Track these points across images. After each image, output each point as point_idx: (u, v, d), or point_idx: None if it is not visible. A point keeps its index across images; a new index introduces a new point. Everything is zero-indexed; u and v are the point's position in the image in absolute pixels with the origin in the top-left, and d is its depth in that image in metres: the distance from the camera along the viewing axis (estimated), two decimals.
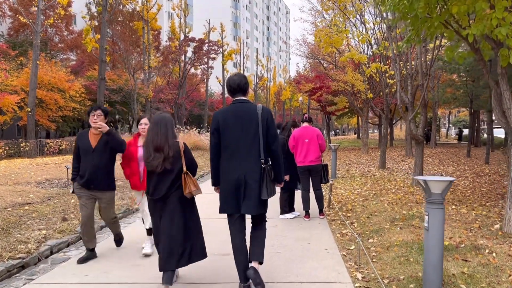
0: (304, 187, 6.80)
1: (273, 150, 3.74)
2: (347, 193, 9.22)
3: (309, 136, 6.70)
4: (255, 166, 3.64)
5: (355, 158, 18.96)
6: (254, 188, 3.61)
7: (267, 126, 3.71)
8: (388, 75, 13.48)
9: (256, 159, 3.65)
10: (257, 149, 3.67)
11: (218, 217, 4.84)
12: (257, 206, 3.66)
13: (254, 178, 3.62)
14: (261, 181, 3.63)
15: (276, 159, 3.78)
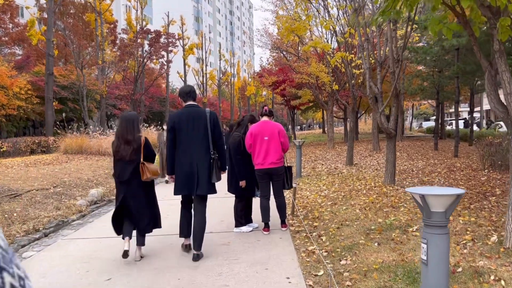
0: (263, 194, 5.67)
1: (218, 144, 4.72)
2: (313, 195, 8.18)
3: (269, 133, 5.56)
4: (205, 157, 4.58)
5: (321, 153, 18.07)
6: (205, 174, 4.54)
7: (213, 125, 4.67)
8: (354, 64, 12.58)
9: (206, 152, 4.59)
10: (207, 143, 4.61)
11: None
12: (208, 188, 4.60)
13: (204, 166, 4.56)
14: (210, 168, 4.57)
15: (221, 151, 4.73)
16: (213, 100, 52.49)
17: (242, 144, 5.68)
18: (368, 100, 23.24)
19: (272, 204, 5.73)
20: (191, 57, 48.22)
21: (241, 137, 5.74)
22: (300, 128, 76.16)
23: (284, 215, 5.73)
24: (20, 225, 6.92)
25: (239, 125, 5.96)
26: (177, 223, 4.94)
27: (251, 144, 5.58)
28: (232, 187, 5.76)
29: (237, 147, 5.68)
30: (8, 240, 6.11)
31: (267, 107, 5.80)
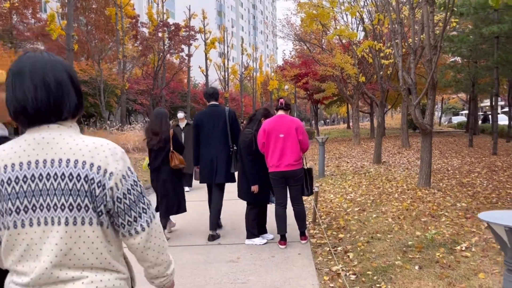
0: (279, 201, 4.84)
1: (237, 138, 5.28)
2: (338, 199, 7.31)
3: (285, 130, 4.73)
4: (224, 150, 5.24)
5: (346, 150, 17.08)
6: (222, 165, 5.19)
7: (231, 122, 5.33)
8: (383, 54, 11.57)
9: (224, 145, 5.25)
10: (226, 138, 5.27)
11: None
12: (225, 177, 5.23)
13: (223, 158, 5.21)
14: (228, 160, 5.22)
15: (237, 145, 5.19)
16: (235, 95, 51.84)
17: (254, 142, 4.87)
18: (395, 93, 21.94)
19: (290, 212, 4.91)
20: (213, 52, 47.55)
21: (253, 134, 4.93)
22: (324, 123, 74.80)
23: (303, 226, 4.90)
24: None
25: (250, 121, 5.14)
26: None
27: (264, 143, 4.76)
28: (243, 193, 4.97)
29: (248, 146, 4.88)
30: None
31: (283, 99, 4.95)
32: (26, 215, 1.25)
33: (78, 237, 1.24)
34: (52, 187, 1.24)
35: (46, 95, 1.26)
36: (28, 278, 1.24)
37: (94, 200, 1.26)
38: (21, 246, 1.26)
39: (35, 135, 1.28)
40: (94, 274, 1.27)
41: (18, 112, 1.27)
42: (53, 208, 1.24)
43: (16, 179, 1.25)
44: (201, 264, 4.36)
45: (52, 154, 1.26)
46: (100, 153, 1.27)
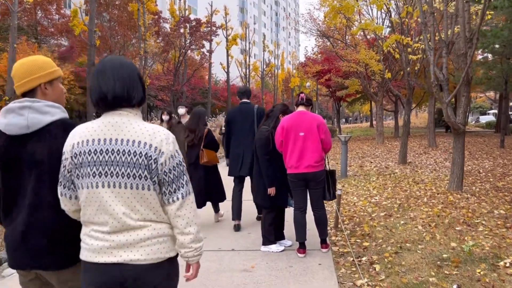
0: (297, 206, 4.43)
1: None
2: (362, 201, 6.85)
3: (306, 127, 4.31)
4: (251, 145, 5.20)
5: (369, 149, 16.49)
6: (248, 159, 5.38)
7: (259, 118, 5.47)
8: (410, 50, 10.99)
9: (251, 141, 5.14)
10: (253, 134, 5.37)
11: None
12: (249, 170, 5.32)
13: (249, 152, 5.35)
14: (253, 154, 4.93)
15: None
16: (256, 92, 51.42)
17: (271, 141, 4.47)
18: (421, 91, 21.15)
19: (310, 217, 4.50)
20: (234, 48, 47.25)
21: (270, 132, 4.53)
22: (346, 121, 73.66)
23: (325, 233, 4.48)
24: None
25: (268, 117, 4.74)
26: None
27: (282, 141, 4.35)
28: (260, 196, 4.58)
29: (265, 145, 4.48)
30: None
31: (303, 94, 4.52)
32: (100, 178, 1.66)
33: (140, 198, 1.67)
34: (120, 160, 1.65)
35: (121, 86, 1.69)
36: (107, 226, 1.67)
37: (150, 172, 1.67)
38: (96, 203, 1.67)
39: (109, 119, 1.70)
40: (154, 224, 1.70)
41: (100, 99, 1.69)
42: (121, 176, 1.66)
43: (95, 151, 1.67)
44: (212, 273, 4.00)
45: (122, 135, 1.67)
46: (157, 137, 1.69)
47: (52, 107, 1.89)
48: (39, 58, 1.94)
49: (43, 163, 1.83)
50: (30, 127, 1.82)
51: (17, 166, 1.86)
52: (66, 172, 1.74)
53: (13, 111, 1.84)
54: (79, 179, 1.71)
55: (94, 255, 1.68)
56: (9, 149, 1.85)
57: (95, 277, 1.69)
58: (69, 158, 1.72)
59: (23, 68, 1.89)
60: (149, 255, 1.69)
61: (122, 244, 1.67)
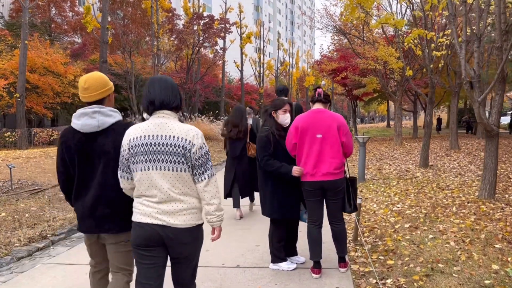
0: (312, 219, 3.85)
1: None
2: (383, 209, 6.24)
3: (325, 129, 3.72)
4: None
5: (387, 151, 15.77)
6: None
7: (297, 115, 4.70)
8: (433, 46, 10.28)
9: None
10: None
11: None
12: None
13: None
14: None
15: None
16: (270, 91, 50.79)
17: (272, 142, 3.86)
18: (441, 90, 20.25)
19: (325, 230, 3.92)
20: (248, 47, 46.75)
21: (269, 132, 3.90)
22: (361, 120, 72.47)
23: (344, 250, 3.89)
24: (27, 229, 5.72)
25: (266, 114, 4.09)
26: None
27: (295, 144, 3.78)
28: (266, 208, 4.00)
29: (264, 148, 3.87)
30: (3, 251, 4.86)
31: (321, 89, 3.92)
32: (150, 164, 2.32)
33: (179, 177, 2.33)
34: (164, 150, 2.31)
35: (164, 94, 2.38)
36: (156, 198, 2.33)
37: (186, 159, 2.32)
38: (146, 182, 2.33)
39: (156, 120, 2.36)
40: (189, 197, 2.37)
41: (150, 103, 2.38)
42: (165, 162, 2.30)
43: (146, 144, 2.32)
44: None
45: (165, 132, 2.33)
46: (190, 133, 2.34)
47: (113, 111, 2.59)
48: (103, 75, 2.67)
49: (110, 153, 2.52)
50: (100, 126, 2.51)
51: (90, 156, 2.55)
52: (124, 160, 2.39)
53: (87, 115, 2.52)
54: (134, 165, 2.36)
55: (144, 218, 2.34)
56: (84, 144, 2.54)
57: (142, 233, 2.33)
58: (126, 150, 2.37)
59: (97, 83, 2.59)
60: (184, 222, 2.33)
61: (165, 212, 2.32)
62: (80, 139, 2.55)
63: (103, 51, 22.98)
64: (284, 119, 3.92)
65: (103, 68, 22.45)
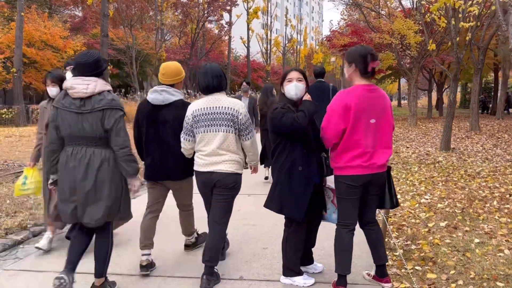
0: (347, 221, 3.00)
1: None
2: (409, 201, 5.41)
3: (379, 111, 2.89)
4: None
5: (401, 132, 14.84)
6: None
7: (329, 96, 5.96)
8: (461, 16, 9.23)
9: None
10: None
11: None
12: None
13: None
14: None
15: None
16: (277, 69, 49.56)
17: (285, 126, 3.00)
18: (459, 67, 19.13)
19: (360, 243, 3.09)
20: (255, 23, 45.14)
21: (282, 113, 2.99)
22: None
23: (383, 257, 3.06)
24: (5, 219, 4.97)
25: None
26: None
27: (344, 131, 2.87)
28: (274, 201, 3.12)
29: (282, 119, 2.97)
30: None
31: (378, 60, 2.99)
32: (207, 128, 3.13)
33: (227, 138, 3.13)
34: (218, 117, 3.11)
35: (217, 81, 3.18)
36: (207, 151, 3.14)
37: (234, 124, 3.13)
38: (204, 140, 3.16)
39: (211, 97, 3.18)
40: (233, 153, 3.17)
41: (205, 88, 3.18)
42: (218, 126, 3.12)
43: (204, 113, 3.13)
44: None
45: (218, 104, 3.14)
46: (237, 104, 3.16)
47: (176, 92, 3.46)
48: (179, 66, 3.56)
49: (170, 121, 3.39)
50: (164, 101, 3.39)
51: (156, 122, 3.42)
52: (189, 126, 3.21)
53: (156, 92, 3.41)
54: (196, 129, 3.19)
55: (200, 167, 3.21)
56: (152, 113, 3.42)
57: (200, 178, 3.24)
58: (190, 118, 3.19)
59: (174, 71, 3.48)
60: (227, 169, 3.14)
61: (214, 162, 3.14)
62: (150, 109, 3.43)
63: (104, 24, 21.92)
64: (289, 90, 3.09)
65: (104, 42, 21.45)
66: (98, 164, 2.78)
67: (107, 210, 2.81)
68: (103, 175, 2.79)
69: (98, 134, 2.78)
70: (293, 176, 2.98)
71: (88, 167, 2.76)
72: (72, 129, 2.78)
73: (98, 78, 2.85)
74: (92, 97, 2.78)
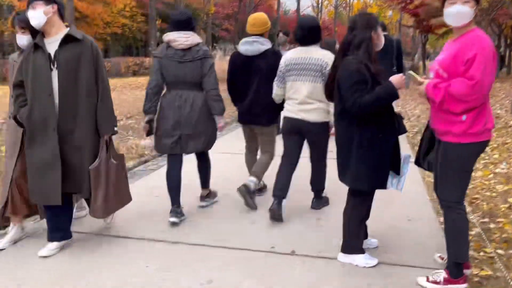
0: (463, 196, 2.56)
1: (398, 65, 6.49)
2: (481, 171, 4.81)
3: None
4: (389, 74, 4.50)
5: None
6: None
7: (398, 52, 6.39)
8: None
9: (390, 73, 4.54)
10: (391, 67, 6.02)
11: None
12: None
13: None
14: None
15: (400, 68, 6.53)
16: (328, 24, 47.53)
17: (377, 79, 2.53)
18: None
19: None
20: None
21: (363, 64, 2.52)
22: (427, 57, 67.03)
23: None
24: None
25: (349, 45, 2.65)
26: None
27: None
28: (349, 173, 2.66)
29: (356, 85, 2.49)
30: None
31: None
32: (297, 77, 3.38)
33: (315, 87, 3.31)
34: (307, 67, 3.33)
35: (310, 34, 3.40)
36: (298, 100, 3.38)
37: (322, 74, 3.28)
38: (293, 88, 3.41)
39: (304, 49, 3.40)
40: (319, 102, 3.32)
41: (300, 39, 3.43)
42: (308, 75, 3.33)
43: (296, 63, 3.38)
44: None
45: (309, 55, 3.35)
46: (325, 56, 3.32)
47: (267, 41, 3.71)
48: (265, 17, 3.78)
49: (263, 70, 3.64)
50: (255, 51, 3.65)
51: (249, 71, 3.70)
52: (281, 74, 3.47)
53: (248, 43, 3.68)
54: (287, 77, 3.44)
55: (289, 113, 3.46)
56: (245, 63, 3.72)
57: (289, 124, 3.49)
58: (283, 66, 3.44)
59: (262, 21, 3.72)
60: (315, 117, 3.35)
61: (303, 110, 3.37)
62: (243, 60, 3.73)
63: None
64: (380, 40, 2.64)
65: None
66: (199, 104, 3.42)
67: (206, 142, 3.53)
68: (203, 113, 3.44)
69: (197, 79, 3.42)
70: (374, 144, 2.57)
71: (192, 106, 3.40)
72: (176, 76, 3.40)
73: (193, 32, 3.46)
74: (191, 48, 3.37)
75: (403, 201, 3.85)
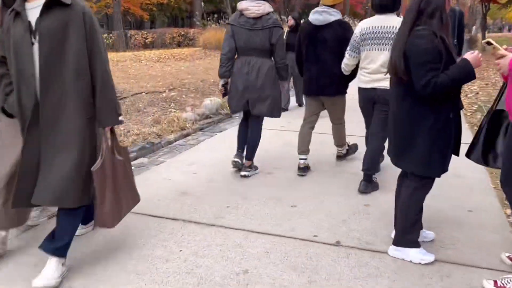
0: None
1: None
2: None
3: None
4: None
5: None
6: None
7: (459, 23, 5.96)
8: None
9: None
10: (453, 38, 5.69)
11: None
12: None
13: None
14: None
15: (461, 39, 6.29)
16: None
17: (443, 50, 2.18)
18: None
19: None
20: None
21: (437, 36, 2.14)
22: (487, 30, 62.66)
23: None
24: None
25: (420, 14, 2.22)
26: None
27: None
28: (412, 158, 2.34)
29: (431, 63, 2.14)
30: None
31: None
32: (373, 46, 3.33)
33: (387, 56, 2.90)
34: (384, 36, 3.27)
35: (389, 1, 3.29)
36: (371, 70, 3.37)
37: (390, 41, 3.17)
38: (368, 58, 3.37)
39: (382, 16, 3.32)
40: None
41: (377, 6, 3.34)
42: (383, 44, 3.27)
43: (372, 32, 3.31)
44: None
45: (385, 23, 3.27)
46: (397, 22, 3.12)
47: (336, 12, 3.68)
48: None
49: (329, 40, 3.64)
50: (323, 21, 3.64)
51: (315, 41, 3.70)
52: (356, 43, 3.43)
53: (317, 12, 3.67)
54: (362, 47, 3.39)
55: (363, 84, 3.47)
56: (313, 32, 3.71)
57: (363, 94, 3.51)
58: (358, 36, 3.40)
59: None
60: (386, 85, 2.95)
61: (376, 79, 3.34)
62: (311, 29, 3.73)
63: None
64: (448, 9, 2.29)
65: None
66: (265, 70, 3.66)
67: (271, 106, 3.75)
68: (269, 78, 3.69)
69: (266, 47, 3.62)
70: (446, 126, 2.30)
71: (258, 73, 3.64)
72: (246, 43, 3.61)
73: (265, 1, 3.59)
74: (262, 17, 3.56)
75: (462, 189, 3.47)
